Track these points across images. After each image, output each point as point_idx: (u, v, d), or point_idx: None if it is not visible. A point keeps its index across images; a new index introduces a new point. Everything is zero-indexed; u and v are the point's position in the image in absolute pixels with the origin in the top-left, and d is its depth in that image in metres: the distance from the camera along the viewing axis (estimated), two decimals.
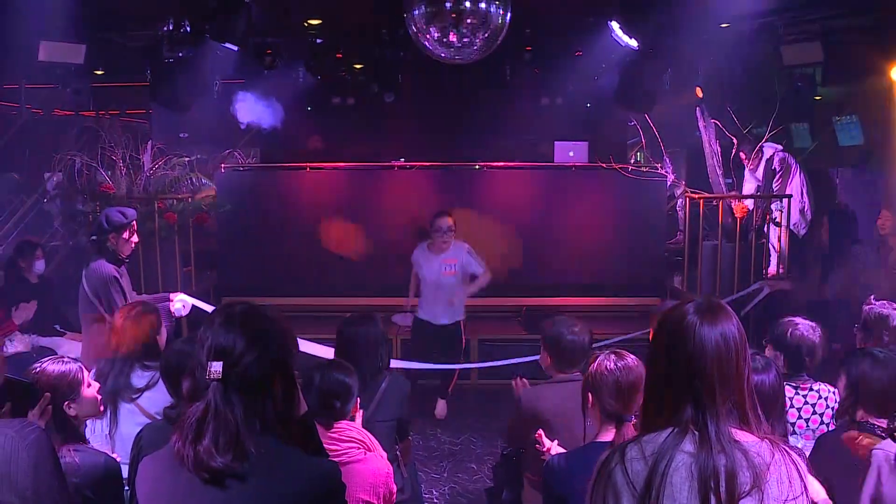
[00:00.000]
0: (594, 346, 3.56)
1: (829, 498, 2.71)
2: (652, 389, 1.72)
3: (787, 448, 1.64)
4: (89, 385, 2.74)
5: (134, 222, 4.88)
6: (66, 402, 2.60)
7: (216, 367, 1.74)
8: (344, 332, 3.65)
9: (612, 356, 2.70)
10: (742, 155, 7.86)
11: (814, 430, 3.34)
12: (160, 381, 3.39)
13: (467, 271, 6.42)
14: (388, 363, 3.76)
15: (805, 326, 3.48)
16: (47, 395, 2.49)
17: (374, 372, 3.57)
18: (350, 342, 3.59)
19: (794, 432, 3.34)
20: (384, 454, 2.93)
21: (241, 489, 1.71)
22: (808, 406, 3.38)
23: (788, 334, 3.45)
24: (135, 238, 4.91)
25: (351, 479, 2.74)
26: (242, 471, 1.71)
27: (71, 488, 2.26)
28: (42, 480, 1.88)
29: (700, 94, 7.69)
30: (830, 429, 3.28)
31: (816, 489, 2.35)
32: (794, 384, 3.39)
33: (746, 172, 8.09)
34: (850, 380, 2.97)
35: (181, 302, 4.82)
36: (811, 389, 3.40)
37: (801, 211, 7.91)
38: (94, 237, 4.88)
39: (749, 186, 8.09)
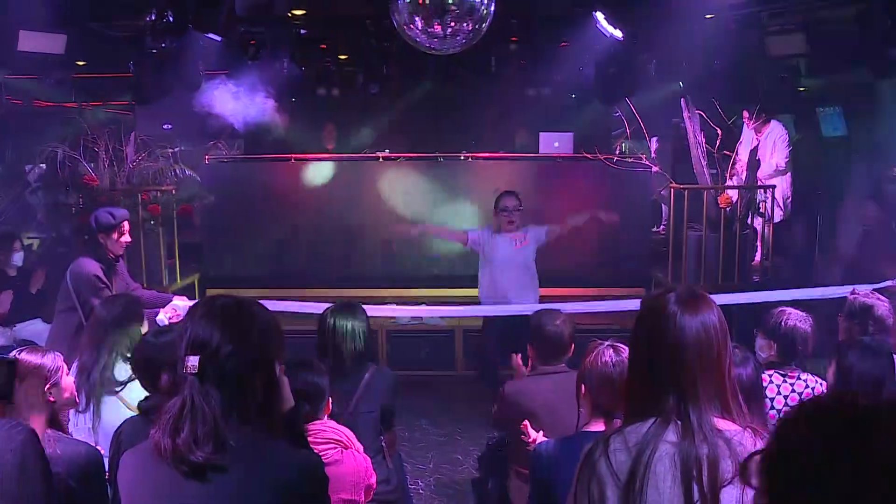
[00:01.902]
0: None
1: None
2: (634, 379, 1.73)
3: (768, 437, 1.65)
4: (67, 374, 2.70)
5: (124, 223, 4.87)
6: (46, 387, 2.55)
7: (192, 361, 1.71)
8: (327, 322, 3.61)
9: (610, 350, 2.65)
10: (745, 113, 7.75)
11: None
12: None
13: (541, 243, 6.21)
14: (372, 353, 3.73)
15: (797, 316, 3.53)
16: None
17: (358, 363, 3.54)
18: (333, 332, 3.56)
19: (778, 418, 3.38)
20: (360, 447, 2.89)
21: (223, 481, 1.69)
22: (795, 394, 3.42)
23: (782, 324, 3.51)
24: (125, 238, 4.90)
25: (331, 480, 2.72)
26: (223, 463, 1.69)
27: (54, 479, 2.24)
28: (29, 482, 1.85)
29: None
30: None
31: None
32: (782, 372, 3.46)
33: (740, 146, 7.92)
34: (839, 368, 3.00)
35: (172, 310, 4.73)
36: (798, 378, 3.45)
37: (785, 200, 7.93)
38: (85, 237, 4.92)
39: (742, 160, 8.00)
